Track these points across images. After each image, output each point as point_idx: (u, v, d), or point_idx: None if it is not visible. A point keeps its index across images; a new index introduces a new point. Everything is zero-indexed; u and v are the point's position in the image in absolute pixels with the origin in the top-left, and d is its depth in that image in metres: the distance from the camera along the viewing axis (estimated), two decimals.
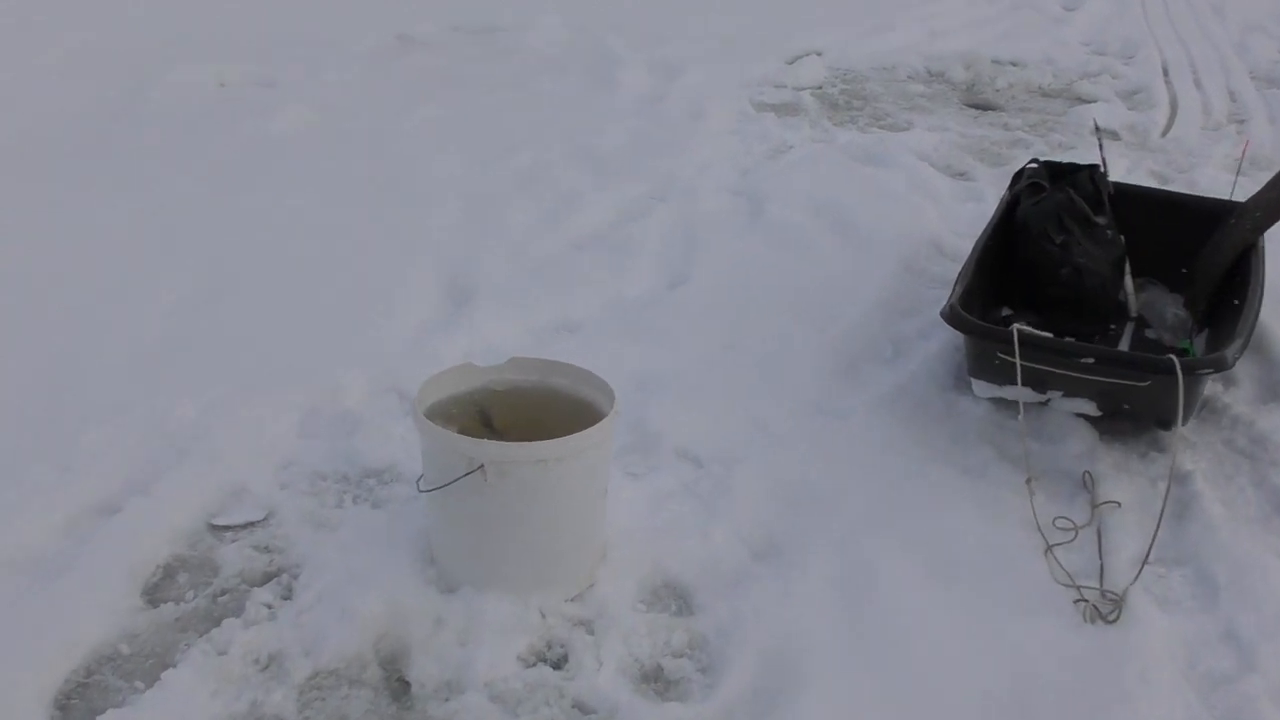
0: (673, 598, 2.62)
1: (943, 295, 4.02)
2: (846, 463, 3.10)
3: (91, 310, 3.63)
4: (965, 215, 4.76)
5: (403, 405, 3.30)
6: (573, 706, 2.29)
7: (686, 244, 4.38)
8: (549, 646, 2.44)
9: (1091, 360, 2.96)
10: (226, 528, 2.77)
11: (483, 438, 2.61)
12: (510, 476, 2.38)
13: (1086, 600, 2.61)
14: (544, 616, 2.49)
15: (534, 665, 2.39)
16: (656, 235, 4.46)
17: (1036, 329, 3.42)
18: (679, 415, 3.28)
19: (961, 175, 5.35)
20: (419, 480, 2.52)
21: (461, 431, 2.57)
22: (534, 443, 2.38)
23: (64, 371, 3.28)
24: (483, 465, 2.36)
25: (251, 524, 2.78)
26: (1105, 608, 2.60)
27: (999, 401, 3.27)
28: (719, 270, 4.15)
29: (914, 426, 3.27)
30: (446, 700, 2.28)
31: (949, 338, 3.67)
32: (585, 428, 2.52)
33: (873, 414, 3.33)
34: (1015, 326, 3.04)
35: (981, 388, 3.26)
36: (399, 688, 2.33)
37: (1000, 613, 2.57)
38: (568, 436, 2.39)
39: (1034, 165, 4.04)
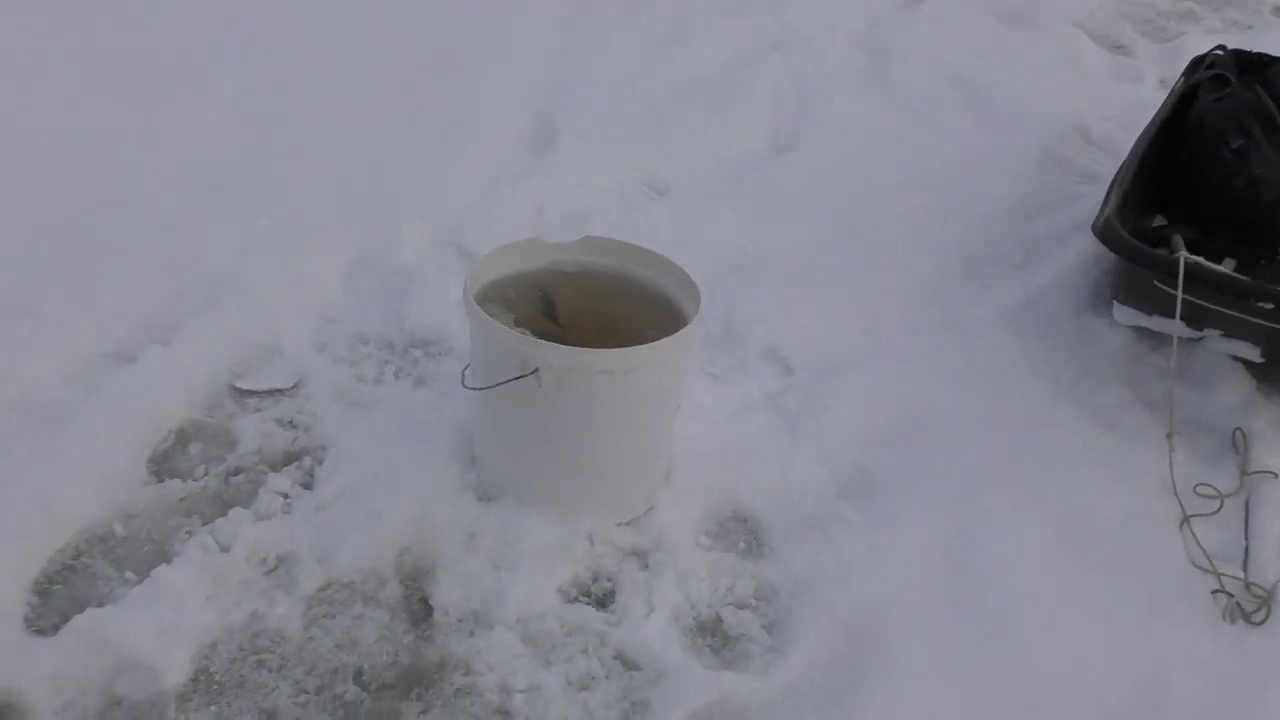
0: (742, 534, 2.28)
1: (1085, 192, 3.55)
2: (959, 389, 2.69)
3: (132, 118, 3.27)
4: (1119, 98, 4.17)
5: (463, 262, 2.93)
6: (615, 658, 1.98)
7: (800, 102, 3.89)
8: (594, 579, 2.13)
9: (1272, 306, 2.49)
10: (251, 393, 2.46)
11: (542, 330, 2.25)
12: (569, 386, 2.02)
13: (1228, 594, 2.21)
14: (592, 543, 2.17)
15: (575, 601, 2.08)
16: (768, 88, 3.95)
17: (1193, 244, 2.92)
18: (773, 307, 2.88)
19: (1119, 49, 4.71)
20: (465, 371, 2.17)
21: (519, 321, 2.22)
22: (600, 350, 2.01)
23: (94, 187, 2.95)
24: (537, 369, 2.00)
25: (278, 391, 2.47)
26: (1250, 605, 2.20)
27: (1140, 330, 2.82)
28: (833, 137, 3.66)
29: (1040, 352, 2.83)
30: (471, 635, 1.98)
31: (1088, 246, 3.19)
32: (661, 330, 2.15)
33: (994, 331, 2.90)
34: (1182, 255, 2.55)
35: (1124, 314, 2.80)
36: (419, 611, 2.03)
37: (1124, 597, 2.18)
38: (641, 346, 2.01)
39: (1220, 53, 3.45)
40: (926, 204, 3.37)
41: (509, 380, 2.02)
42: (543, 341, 2.00)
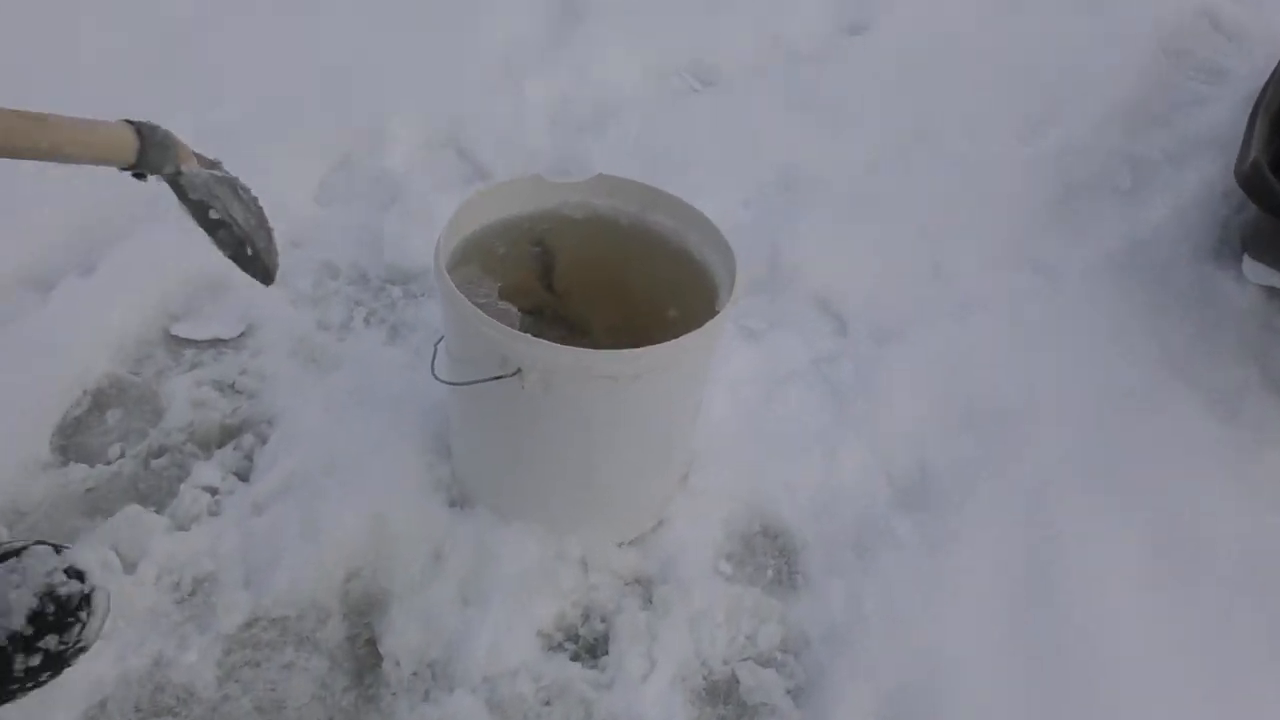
0: (771, 556, 1.86)
1: (1210, 94, 2.99)
2: (1045, 355, 2.23)
3: None
4: None
5: (462, 168, 2.47)
6: None
7: None
8: (585, 618, 1.72)
9: None
10: (189, 342, 2.04)
11: (537, 303, 1.81)
12: (561, 390, 1.58)
13: None
14: (586, 569, 1.76)
15: (558, 649, 1.68)
16: None
17: None
18: (829, 241, 2.40)
19: None
20: (437, 347, 1.73)
21: (507, 291, 1.77)
22: (600, 351, 1.56)
23: (18, 64, 2.45)
24: (520, 370, 1.56)
25: (221, 342, 2.05)
26: None
27: (1275, 291, 2.32)
28: (912, 19, 3.09)
29: (1148, 309, 2.35)
30: (425, 698, 1.60)
31: (1214, 169, 2.67)
32: (684, 304, 1.74)
33: (1092, 279, 2.41)
34: None
35: (1256, 271, 2.30)
36: (365, 659, 1.64)
37: (1250, 657, 1.76)
38: (654, 347, 1.55)
39: None
40: (1018, 108, 2.83)
41: (486, 380, 1.59)
42: (527, 337, 1.55)
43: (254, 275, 1.39)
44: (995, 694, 1.66)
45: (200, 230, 1.38)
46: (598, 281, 1.86)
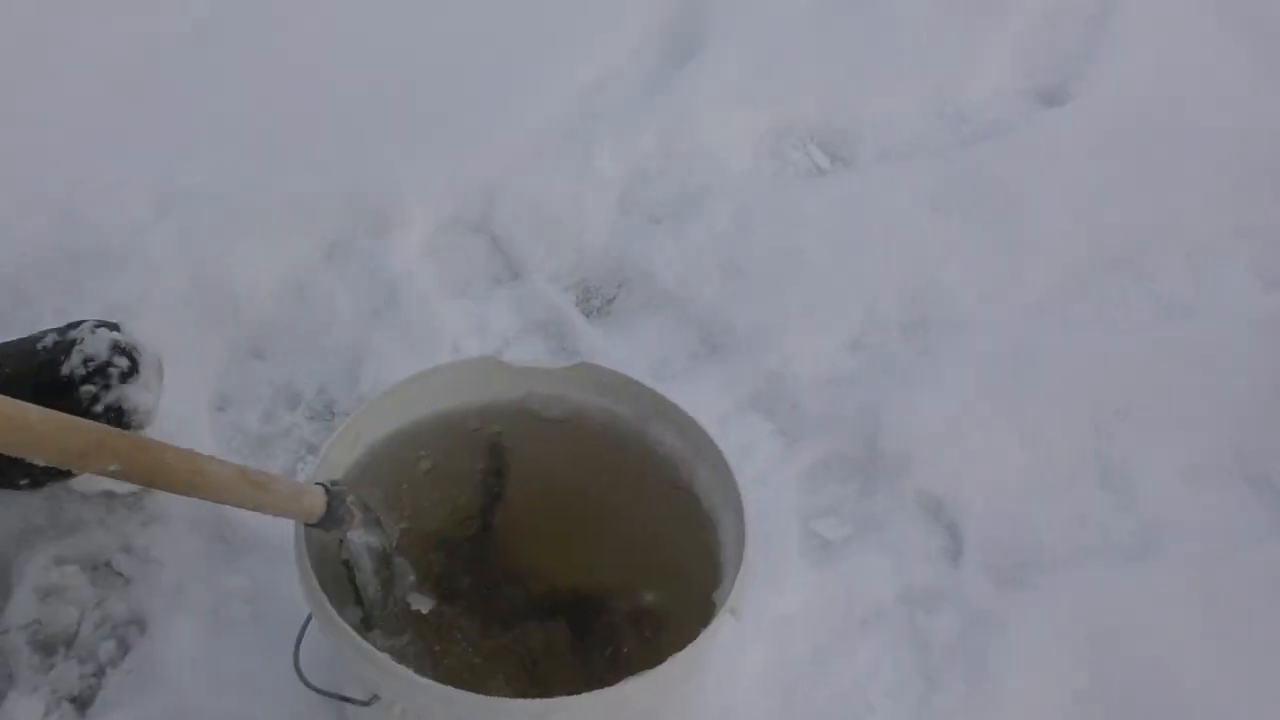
0: None
1: None
2: (1259, 645, 1.53)
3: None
4: None
5: (488, 266, 1.93)
6: None
7: (1098, 11, 2.53)
8: None
9: None
10: (75, 495, 1.58)
11: (458, 543, 1.26)
12: None
13: None
14: None
15: None
16: None
17: None
18: (960, 418, 1.74)
19: None
20: (306, 624, 1.20)
21: (416, 534, 1.22)
22: (478, 698, 1.01)
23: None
24: (376, 697, 1.03)
25: (114, 497, 1.57)
26: None
27: None
28: (1135, 87, 2.32)
29: None
30: None
31: None
32: (669, 574, 1.18)
33: None
34: None
35: None
36: None
37: None
38: (566, 700, 0.99)
39: None
40: (1265, 234, 2.08)
41: (340, 698, 1.07)
42: (383, 659, 1.00)
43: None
44: None
45: None
46: (557, 516, 1.30)
